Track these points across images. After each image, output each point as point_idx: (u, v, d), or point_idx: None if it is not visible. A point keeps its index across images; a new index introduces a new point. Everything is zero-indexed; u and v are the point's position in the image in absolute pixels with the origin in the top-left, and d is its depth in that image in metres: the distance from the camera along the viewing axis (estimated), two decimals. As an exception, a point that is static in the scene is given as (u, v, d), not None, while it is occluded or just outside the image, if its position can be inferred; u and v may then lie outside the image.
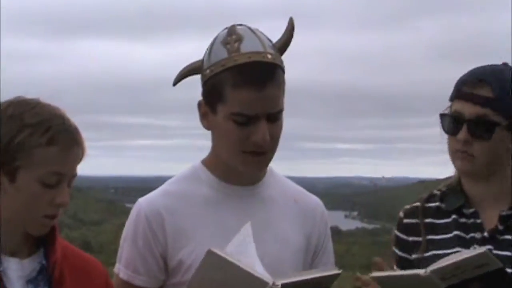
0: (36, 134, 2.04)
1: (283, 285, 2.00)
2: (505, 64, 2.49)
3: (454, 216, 2.48)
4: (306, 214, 2.44)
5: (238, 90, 2.22)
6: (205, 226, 2.31)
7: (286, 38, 2.37)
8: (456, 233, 2.45)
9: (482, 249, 2.16)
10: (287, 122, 2.31)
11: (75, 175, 2.12)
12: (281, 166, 2.63)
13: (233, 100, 2.23)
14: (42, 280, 2.10)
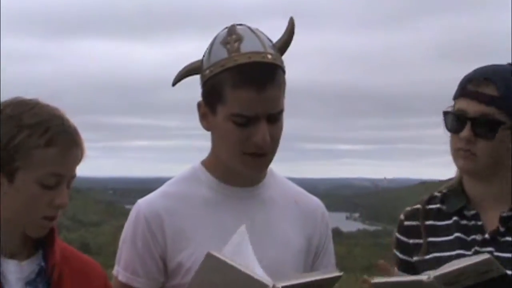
0: (35, 135, 2.05)
1: (284, 287, 2.01)
2: (510, 64, 2.49)
3: (455, 218, 2.48)
4: (307, 215, 2.44)
5: (238, 91, 2.22)
6: (204, 228, 2.31)
7: (287, 38, 2.36)
8: (457, 235, 2.45)
9: (486, 255, 2.16)
10: (288, 122, 2.31)
11: (74, 176, 2.12)
12: (281, 167, 2.63)
13: (233, 100, 2.23)
14: (41, 282, 2.10)
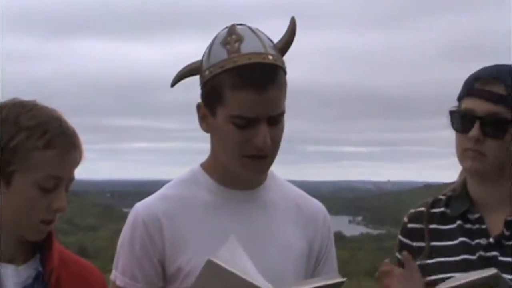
0: (33, 137, 2.05)
1: None
2: None
3: (459, 221, 2.48)
4: (308, 219, 2.44)
5: (238, 92, 2.22)
6: (204, 232, 2.31)
7: (288, 38, 2.36)
8: (461, 239, 2.45)
9: (493, 270, 2.17)
10: (288, 124, 2.31)
11: (73, 179, 2.13)
12: (282, 170, 2.64)
13: (232, 102, 2.23)
14: (38, 287, 2.10)
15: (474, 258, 2.41)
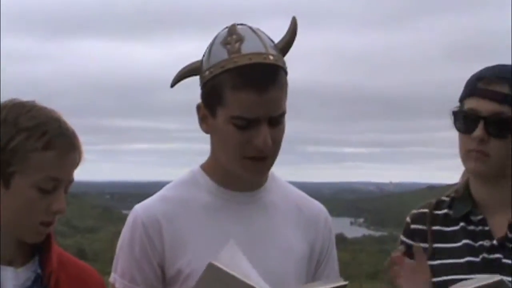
0: (32, 138, 2.05)
1: None
2: None
3: (462, 223, 2.48)
4: (309, 220, 2.43)
5: (238, 93, 2.22)
6: (204, 234, 2.31)
7: (289, 38, 2.35)
8: (465, 241, 2.45)
9: (497, 276, 2.18)
10: (289, 124, 2.31)
11: (72, 181, 2.12)
12: (282, 171, 2.63)
13: (233, 103, 2.23)
14: None
15: (477, 260, 2.41)
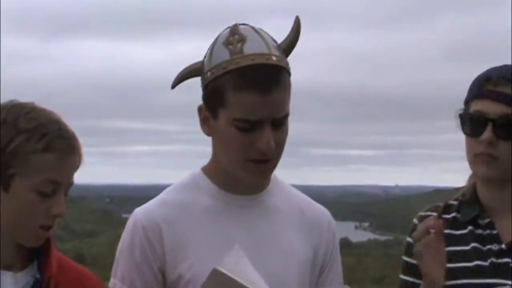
0: (32, 140, 2.04)
1: None
2: None
3: (470, 227, 2.48)
4: (312, 224, 2.43)
5: (240, 94, 2.22)
6: (205, 238, 2.31)
7: (292, 38, 2.35)
8: (473, 245, 2.45)
9: (507, 286, 2.18)
10: (292, 126, 2.29)
11: (72, 184, 2.12)
12: (285, 174, 2.63)
13: (235, 104, 2.23)
14: None
15: (486, 264, 2.41)
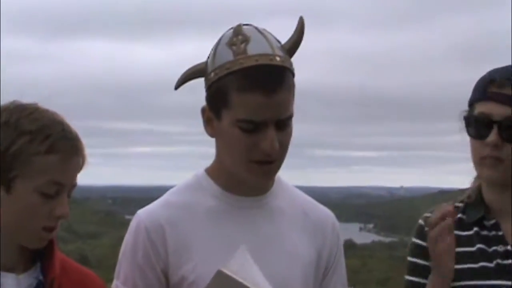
0: (35, 141, 2.04)
1: None
2: None
3: (476, 228, 2.49)
4: (316, 226, 2.43)
5: (244, 95, 2.22)
6: (208, 240, 2.31)
7: (296, 39, 2.35)
8: (479, 246, 2.46)
9: None
10: (296, 127, 2.31)
11: (75, 185, 2.12)
12: (289, 175, 2.63)
13: (239, 105, 2.23)
14: None
15: (491, 265, 2.42)
